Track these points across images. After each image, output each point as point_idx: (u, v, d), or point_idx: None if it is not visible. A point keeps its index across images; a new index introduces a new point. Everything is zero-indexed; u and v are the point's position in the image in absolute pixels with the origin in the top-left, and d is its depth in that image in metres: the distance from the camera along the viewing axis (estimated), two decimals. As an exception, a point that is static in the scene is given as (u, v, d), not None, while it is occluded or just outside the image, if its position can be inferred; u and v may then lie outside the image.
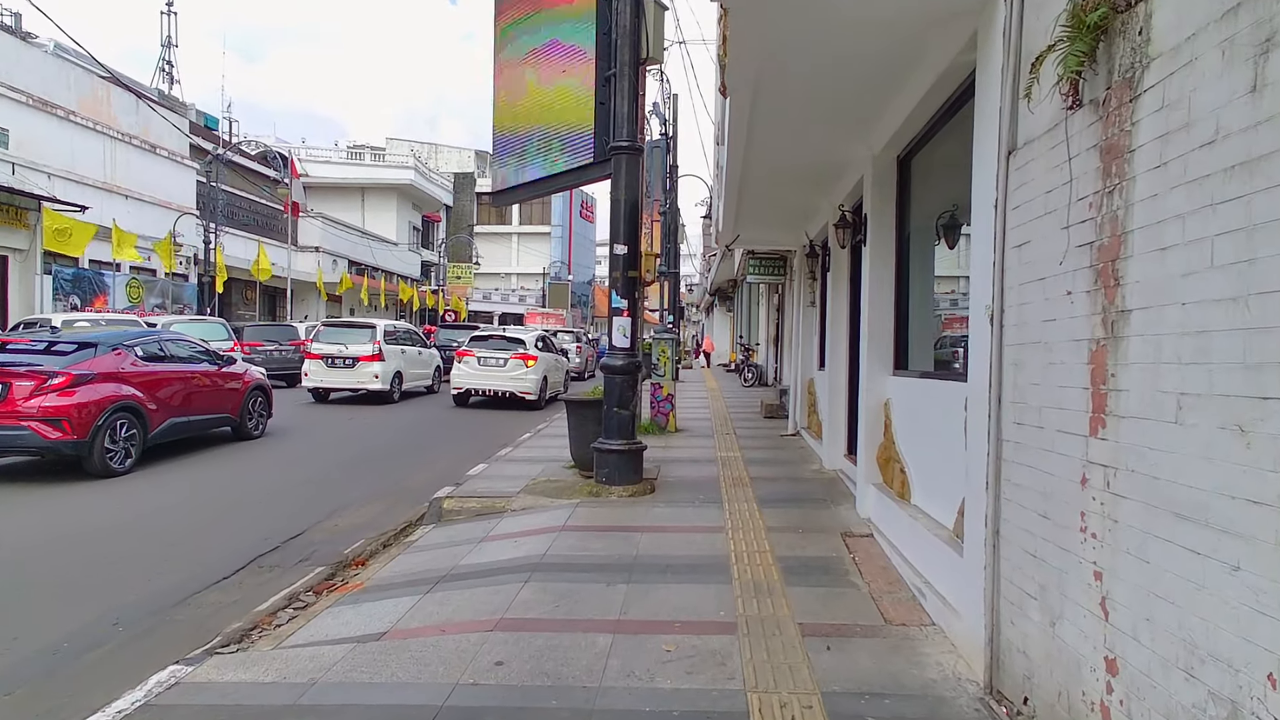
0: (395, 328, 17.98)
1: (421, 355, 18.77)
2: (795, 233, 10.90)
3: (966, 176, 3.88)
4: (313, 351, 16.64)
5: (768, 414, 13.16)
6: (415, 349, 18.43)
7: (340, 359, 16.36)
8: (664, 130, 19.42)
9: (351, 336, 16.70)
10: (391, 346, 16.98)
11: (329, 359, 16.40)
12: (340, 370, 16.32)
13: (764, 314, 22.53)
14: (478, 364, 16.22)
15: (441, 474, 8.73)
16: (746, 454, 9.47)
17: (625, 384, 7.26)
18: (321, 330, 17.47)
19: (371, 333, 16.66)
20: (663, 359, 11.26)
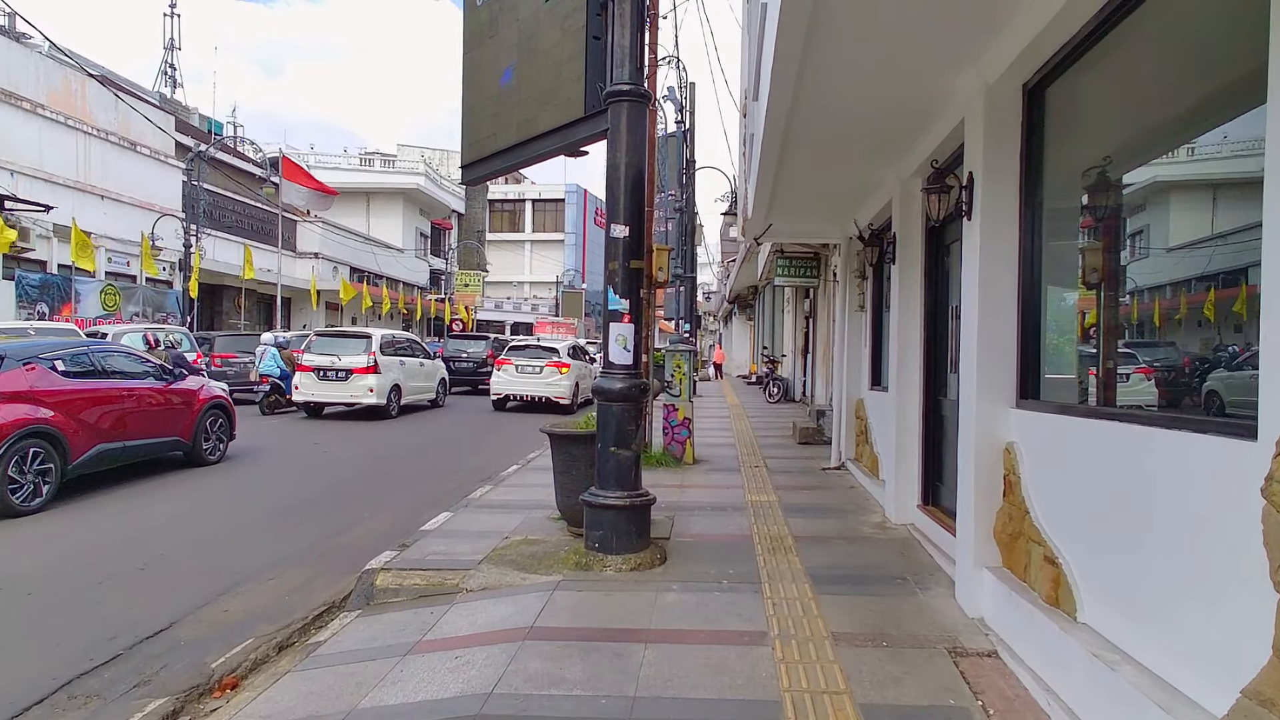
0: (394, 337, 16.90)
1: (424, 367, 17.58)
2: (840, 220, 8.95)
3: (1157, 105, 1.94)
4: (303, 363, 15.38)
5: (802, 439, 11.19)
6: (416, 360, 17.26)
7: (333, 371, 15.14)
8: (680, 119, 17.56)
9: (345, 347, 15.51)
10: (389, 358, 15.83)
11: (320, 371, 15.19)
12: (332, 383, 15.14)
13: (790, 322, 20.55)
14: (515, 371, 17.35)
15: (397, 522, 6.88)
16: (784, 497, 7.50)
17: (626, 415, 5.34)
18: (313, 340, 16.21)
19: (366, 343, 15.54)
20: (678, 375, 9.34)
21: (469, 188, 58.57)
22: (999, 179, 4.16)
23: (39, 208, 18.39)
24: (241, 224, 29.27)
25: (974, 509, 4.18)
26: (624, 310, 5.37)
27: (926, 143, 5.38)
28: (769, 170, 6.76)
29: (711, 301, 54.74)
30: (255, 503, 8.04)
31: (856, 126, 5.48)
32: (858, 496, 7.58)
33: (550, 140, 5.97)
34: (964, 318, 4.51)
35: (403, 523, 6.84)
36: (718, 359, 37.28)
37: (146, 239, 20.34)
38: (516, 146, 6.30)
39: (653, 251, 9.47)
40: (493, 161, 6.59)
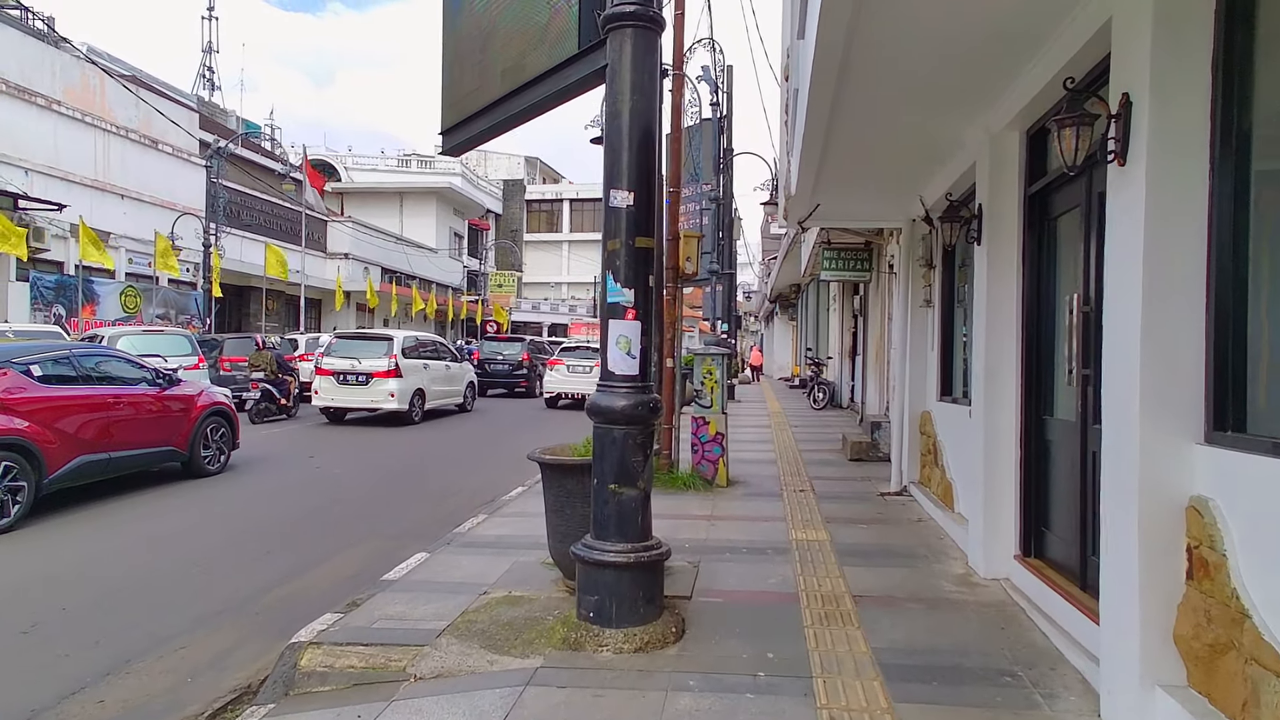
0: (417, 340, 16.31)
1: (450, 370, 16.96)
2: (901, 198, 7.52)
3: None
4: (323, 367, 14.76)
5: (854, 454, 9.74)
6: (442, 364, 16.63)
7: (353, 375, 14.52)
8: (715, 100, 16.19)
9: (365, 350, 14.88)
10: (411, 361, 15.18)
11: (340, 375, 14.58)
12: (353, 388, 14.57)
13: (836, 321, 19.02)
14: (567, 371, 18.34)
15: (366, 563, 5.72)
16: (837, 533, 6.11)
17: (631, 441, 4.03)
18: (334, 343, 15.58)
19: (387, 346, 14.93)
20: (709, 382, 8.00)
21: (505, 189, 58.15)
22: (1177, 95, 2.75)
23: (51, 206, 17.82)
24: (271, 224, 28.72)
25: (1137, 596, 2.78)
26: (627, 303, 4.07)
27: (1043, 66, 3.96)
28: (816, 132, 5.38)
29: (752, 301, 53.15)
30: (224, 527, 6.99)
31: (938, 54, 4.09)
32: (928, 534, 6.15)
33: (540, 88, 4.69)
34: (1110, 310, 3.11)
35: (373, 563, 5.65)
36: (755, 361, 35.73)
37: (162, 238, 19.66)
38: (501, 101, 5.03)
39: (679, 239, 8.15)
40: (476, 122, 5.34)
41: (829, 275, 13.02)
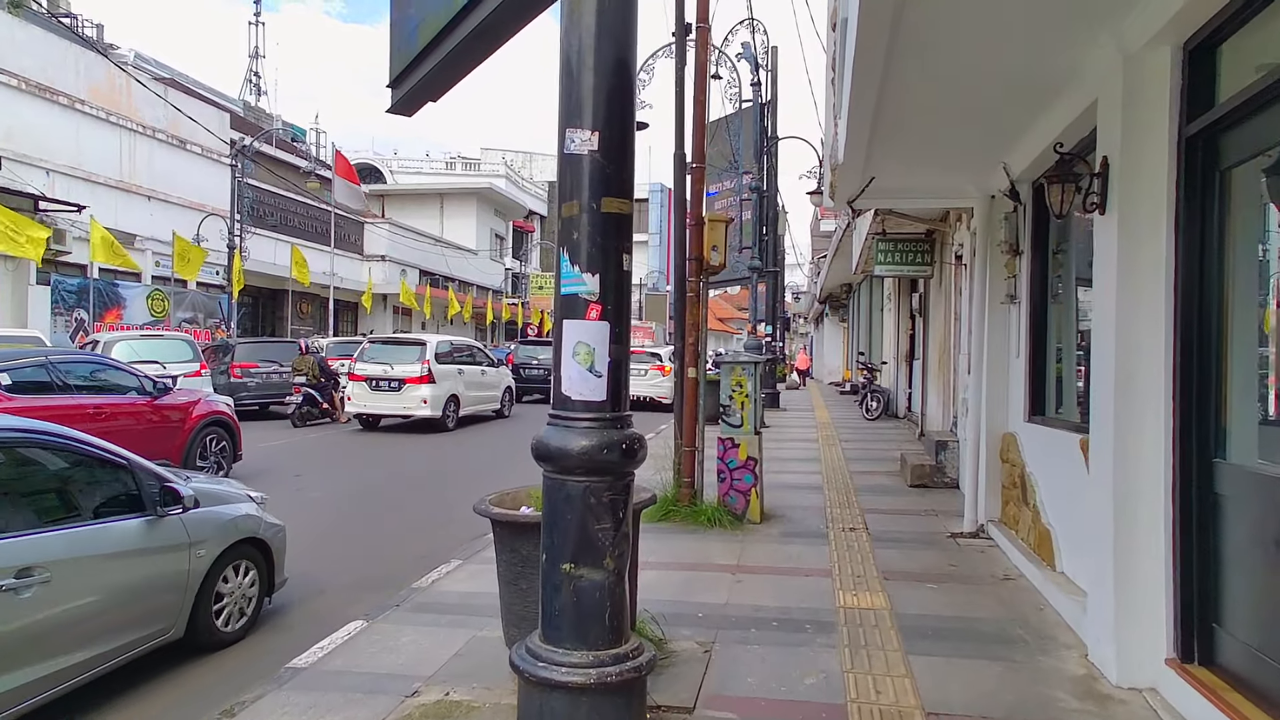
0: (451, 344, 15.80)
1: (485, 376, 16.34)
2: (978, 167, 6.05)
3: None
4: (356, 373, 14.33)
5: (915, 479, 8.24)
6: (477, 369, 16.02)
7: (385, 381, 14.05)
8: (756, 81, 14.77)
9: (398, 355, 14.43)
10: (445, 366, 14.65)
11: (373, 381, 14.12)
12: (385, 394, 14.08)
13: (891, 322, 17.37)
14: None
15: (281, 637, 4.47)
16: (899, 597, 4.69)
17: (595, 500, 2.73)
18: (366, 348, 15.07)
19: (420, 351, 14.44)
20: (739, 396, 6.62)
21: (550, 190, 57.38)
22: None
23: (70, 208, 17.33)
24: (306, 226, 28.23)
25: None
26: (588, 295, 2.77)
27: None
28: (871, 70, 3.98)
29: (801, 302, 51.32)
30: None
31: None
32: (1022, 601, 4.68)
33: (485, 6, 3.42)
34: None
35: (297, 634, 4.45)
36: (801, 364, 34.01)
37: (180, 240, 19.05)
38: (445, 32, 3.78)
39: (703, 224, 6.80)
40: (423, 63, 4.09)
41: (884, 270, 11.51)
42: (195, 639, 4.14)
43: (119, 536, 3.72)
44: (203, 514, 4.19)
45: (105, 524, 3.70)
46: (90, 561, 3.53)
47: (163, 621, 3.91)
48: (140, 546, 3.80)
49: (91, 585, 3.52)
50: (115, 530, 3.72)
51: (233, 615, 4.36)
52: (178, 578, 3.98)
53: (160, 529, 3.91)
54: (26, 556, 3.23)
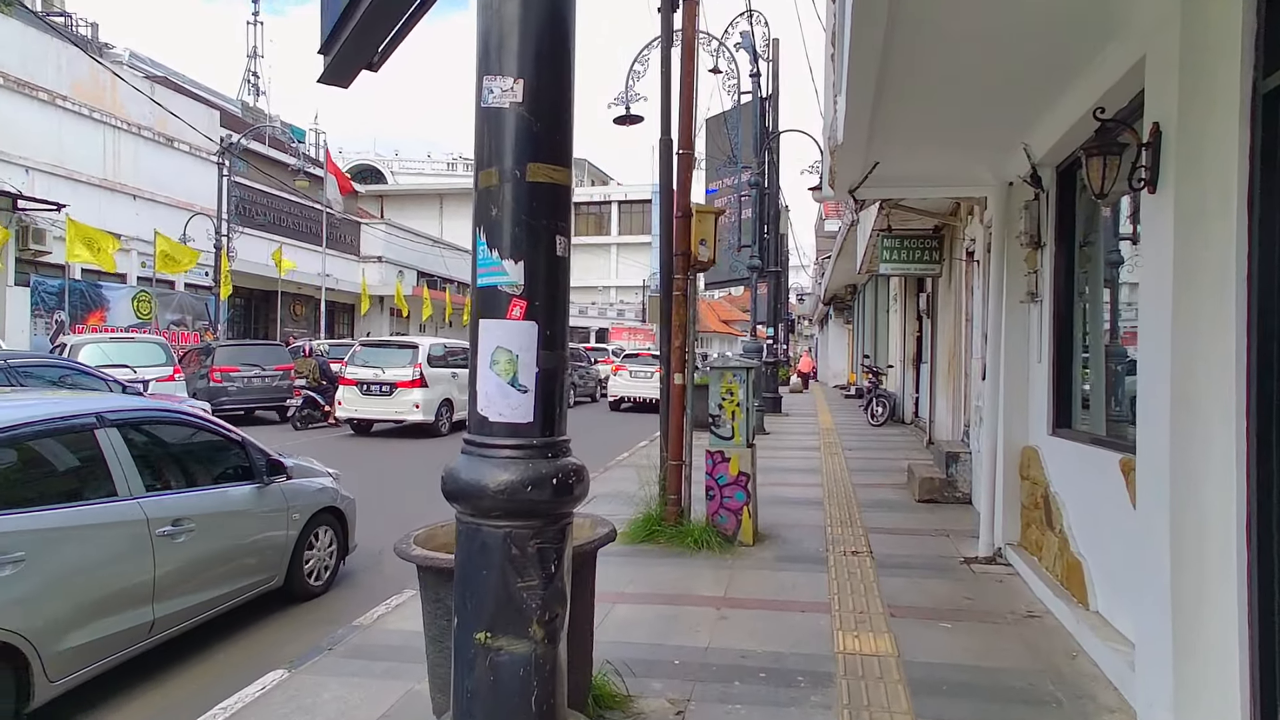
0: (445, 347, 15.36)
1: None
2: (994, 149, 5.43)
3: None
4: (347, 376, 14.03)
5: (924, 494, 7.60)
6: None
7: (376, 385, 13.76)
8: (755, 71, 14.14)
9: (389, 359, 14.24)
10: (438, 370, 14.34)
11: (364, 385, 13.84)
12: (376, 398, 13.77)
13: (897, 324, 16.73)
14: (629, 376, 20.03)
15: (188, 690, 3.87)
16: (907, 638, 4.07)
17: (519, 552, 2.13)
18: (358, 351, 15.05)
19: (412, 354, 14.22)
20: (729, 405, 6.00)
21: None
22: None
23: (50, 206, 16.82)
24: (299, 226, 27.71)
25: None
26: (510, 287, 2.18)
27: None
28: (873, 21, 3.37)
29: (805, 304, 50.66)
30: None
31: None
32: (1051, 645, 4.05)
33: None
34: None
35: (205, 688, 3.85)
36: (805, 367, 33.34)
37: (162, 239, 18.52)
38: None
39: (691, 215, 6.19)
40: (347, 23, 3.51)
41: (889, 269, 10.89)
42: (291, 589, 4.98)
43: (238, 499, 4.59)
44: (297, 484, 5.06)
45: (227, 488, 4.57)
46: (221, 517, 4.41)
47: (269, 571, 4.77)
48: (253, 508, 4.66)
49: (223, 537, 4.38)
50: (235, 494, 4.59)
51: (318, 572, 5.21)
52: (279, 536, 4.82)
53: (267, 495, 4.77)
54: (178, 510, 4.10)
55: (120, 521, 3.79)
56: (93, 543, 3.63)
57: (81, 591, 3.51)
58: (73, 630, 3.42)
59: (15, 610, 3.18)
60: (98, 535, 3.67)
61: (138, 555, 3.83)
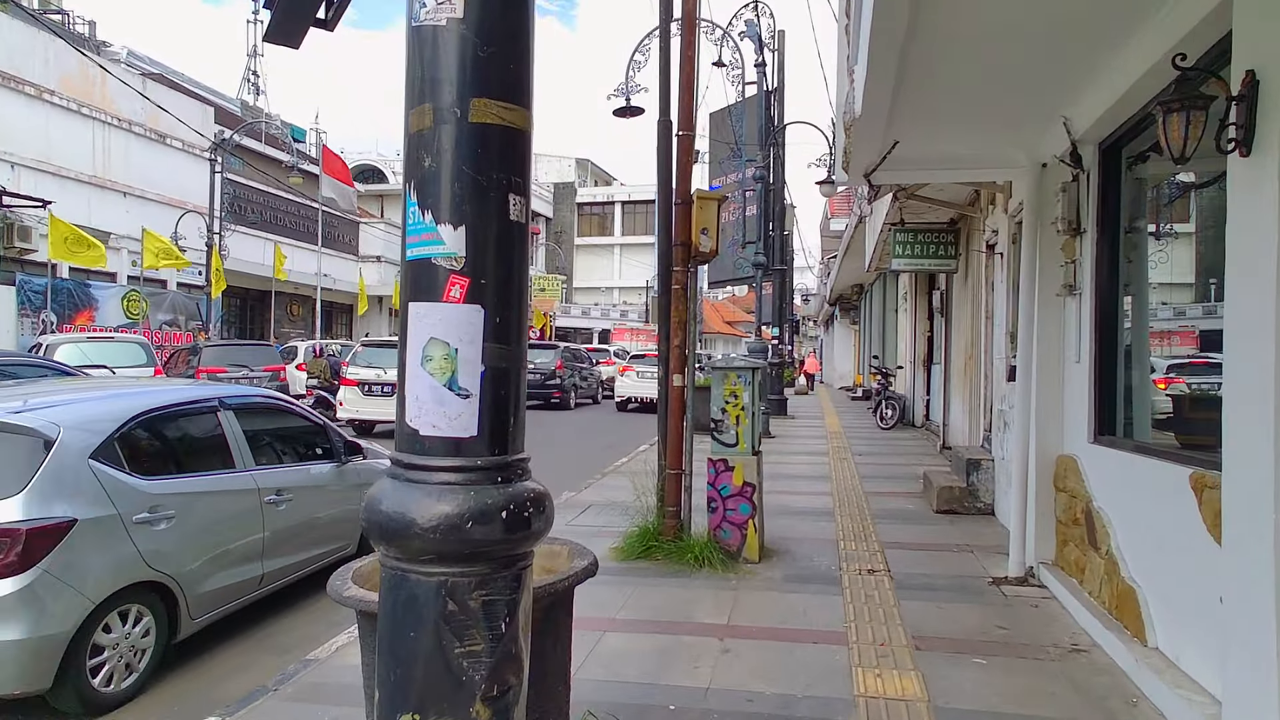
0: None
1: None
2: (1027, 124, 4.90)
3: None
4: (348, 377, 13.84)
5: (943, 504, 7.08)
6: None
7: (378, 386, 13.49)
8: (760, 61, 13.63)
9: (391, 359, 13.59)
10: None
11: (365, 386, 13.60)
12: (378, 399, 13.52)
13: (907, 324, 16.19)
14: (636, 377, 20.28)
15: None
16: (940, 685, 3.54)
17: (457, 607, 1.61)
18: (359, 351, 14.89)
19: None
20: (732, 409, 5.49)
21: (556, 192, 56.41)
22: None
23: (35, 203, 16.37)
24: (297, 225, 27.27)
25: None
26: (450, 261, 1.66)
27: None
28: None
29: (811, 304, 50.13)
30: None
31: None
32: (1103, 686, 3.52)
33: None
34: None
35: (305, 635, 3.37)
36: (811, 368, 32.76)
37: (151, 236, 18.07)
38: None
39: (692, 202, 5.69)
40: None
41: (902, 264, 10.36)
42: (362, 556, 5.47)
43: (322, 475, 5.21)
44: (366, 465, 5.60)
45: (313, 465, 5.20)
46: (310, 490, 5.03)
47: (345, 540, 5.37)
48: (334, 484, 5.28)
49: (312, 507, 5.01)
50: (319, 470, 5.21)
51: None
52: (353, 510, 5.16)
53: (343, 473, 5.38)
54: (279, 482, 4.73)
55: (239, 489, 4.49)
56: (220, 506, 4.35)
57: (213, 546, 4.23)
58: (207, 577, 4.15)
59: (170, 557, 3.91)
60: (223, 500, 4.38)
61: (251, 518, 4.52)
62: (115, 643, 3.63)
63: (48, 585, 3.34)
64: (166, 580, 3.87)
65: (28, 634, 3.27)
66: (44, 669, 3.33)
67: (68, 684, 3.43)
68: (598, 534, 6.32)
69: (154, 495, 3.91)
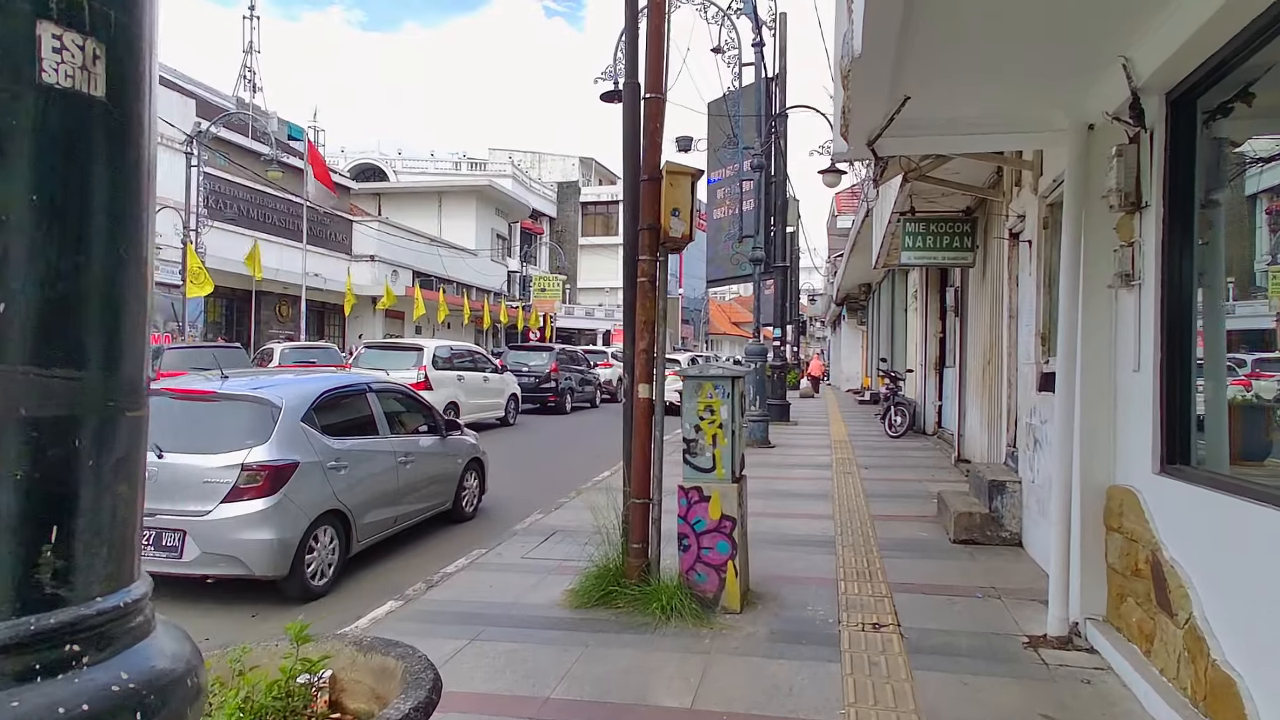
0: (451, 350, 15.54)
1: (488, 382, 16.09)
2: (1073, 75, 3.92)
3: None
4: None
5: (961, 533, 6.10)
6: (479, 375, 15.79)
7: None
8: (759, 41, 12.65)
9: (394, 361, 13.96)
10: (444, 373, 14.33)
11: None
12: None
13: (917, 324, 15.19)
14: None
15: None
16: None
17: None
18: (361, 354, 15.19)
19: (417, 356, 14.25)
20: (708, 427, 4.53)
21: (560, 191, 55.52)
22: None
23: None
24: (286, 224, 26.43)
25: None
26: None
27: None
28: None
29: (817, 304, 49.08)
30: None
31: None
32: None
33: None
34: None
35: None
36: (815, 370, 31.68)
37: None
38: None
39: (661, 178, 4.73)
40: None
41: (912, 258, 9.36)
42: (453, 513, 7.17)
43: (429, 445, 6.72)
44: (459, 439, 7.26)
45: (423, 437, 6.71)
46: (424, 455, 6.59)
47: (443, 498, 6.95)
48: (438, 452, 6.82)
49: (425, 469, 6.57)
50: (427, 441, 6.72)
51: (469, 501, 7.42)
52: (450, 474, 7.02)
53: (444, 444, 6.92)
54: (405, 448, 6.33)
55: (383, 451, 6.02)
56: (373, 461, 5.86)
57: (370, 490, 5.71)
58: (367, 512, 5.65)
59: (346, 495, 5.39)
60: (375, 458, 5.89)
61: (390, 473, 6.02)
62: (319, 551, 5.20)
63: (285, 505, 4.92)
64: (346, 511, 5.42)
65: (275, 536, 4.83)
66: (284, 561, 4.88)
67: (294, 574, 4.97)
68: (556, 570, 5.38)
69: (336, 450, 5.47)
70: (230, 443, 4.99)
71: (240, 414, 5.22)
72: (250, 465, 4.85)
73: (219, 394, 5.32)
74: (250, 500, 4.79)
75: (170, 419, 5.05)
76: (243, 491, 4.80)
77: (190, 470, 4.85)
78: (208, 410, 5.31)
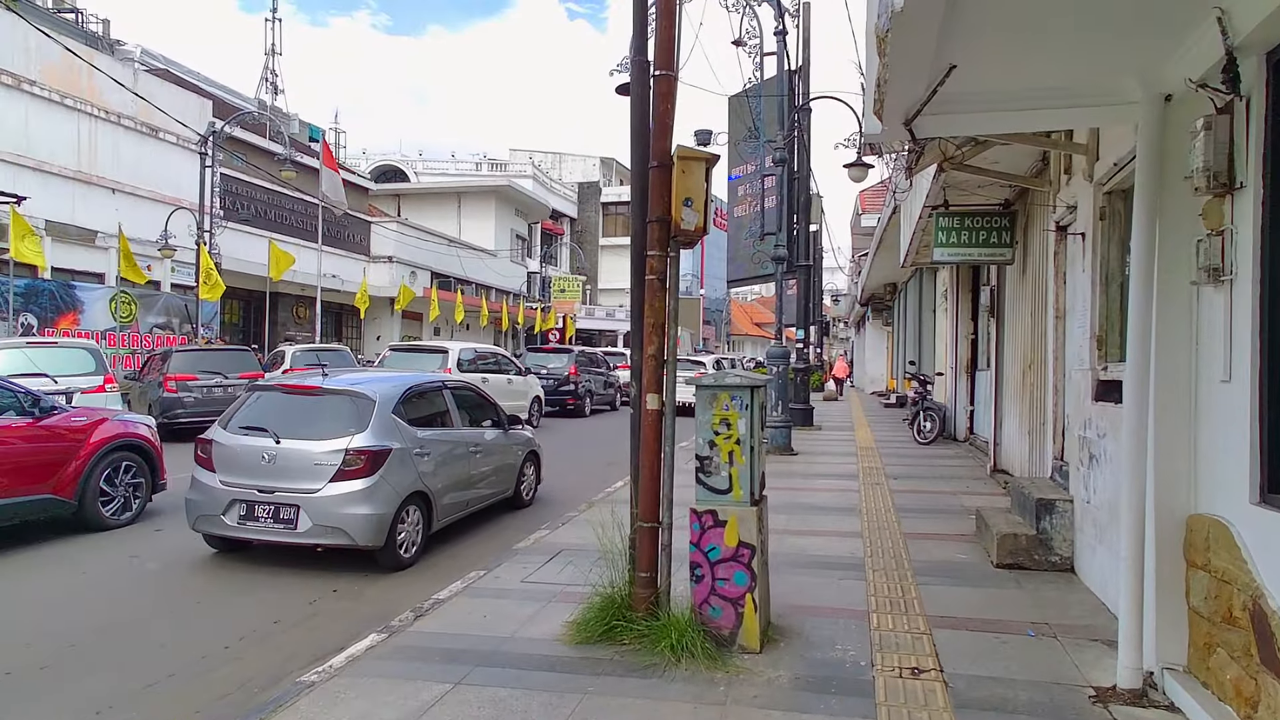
0: (476, 352, 15.63)
1: (512, 384, 15.87)
2: (1152, 35, 3.35)
3: None
4: None
5: (1005, 557, 5.52)
6: (503, 377, 15.63)
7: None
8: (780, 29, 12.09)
9: (419, 364, 14.03)
10: (469, 375, 14.09)
11: None
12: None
13: (946, 326, 14.53)
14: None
15: None
16: None
17: None
18: (388, 356, 15.34)
19: (442, 359, 14.43)
20: (724, 443, 4.03)
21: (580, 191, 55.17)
22: None
23: (9, 199, 15.39)
24: (303, 225, 26.27)
25: None
26: None
27: None
28: None
29: (841, 305, 48.27)
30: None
31: None
32: None
33: None
34: None
35: None
36: (840, 372, 30.90)
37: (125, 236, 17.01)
38: None
39: (671, 165, 4.23)
40: None
41: (945, 255, 8.77)
42: (514, 500, 7.91)
43: (494, 437, 7.41)
44: (518, 433, 8.01)
45: (488, 430, 7.39)
46: (490, 446, 7.26)
47: (505, 486, 7.67)
48: (502, 443, 7.54)
49: (491, 459, 7.27)
50: (492, 434, 7.41)
51: (528, 490, 8.20)
52: (511, 465, 7.74)
53: (506, 438, 7.66)
54: (475, 439, 7.01)
55: (457, 441, 6.73)
56: (450, 450, 6.56)
57: (447, 475, 6.44)
58: (445, 495, 6.37)
59: (429, 478, 6.11)
60: (450, 446, 6.58)
61: (463, 461, 6.75)
62: (407, 527, 5.83)
63: (381, 485, 5.58)
64: (429, 492, 6.07)
65: (374, 511, 5.50)
66: (381, 533, 5.54)
67: (388, 546, 5.64)
68: (557, 597, 4.90)
69: (420, 439, 6.11)
70: (335, 430, 5.71)
71: (342, 406, 5.94)
72: (352, 450, 5.56)
73: (323, 389, 6.08)
74: (353, 480, 5.50)
75: (284, 410, 5.96)
76: (347, 473, 5.51)
77: (303, 454, 5.61)
78: (314, 403, 6.05)
